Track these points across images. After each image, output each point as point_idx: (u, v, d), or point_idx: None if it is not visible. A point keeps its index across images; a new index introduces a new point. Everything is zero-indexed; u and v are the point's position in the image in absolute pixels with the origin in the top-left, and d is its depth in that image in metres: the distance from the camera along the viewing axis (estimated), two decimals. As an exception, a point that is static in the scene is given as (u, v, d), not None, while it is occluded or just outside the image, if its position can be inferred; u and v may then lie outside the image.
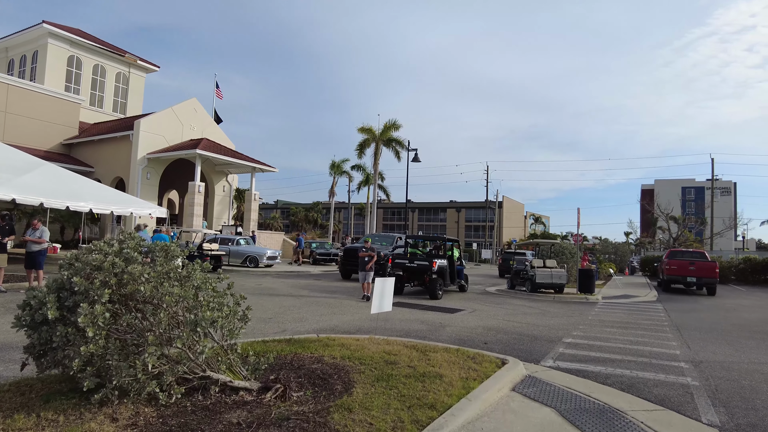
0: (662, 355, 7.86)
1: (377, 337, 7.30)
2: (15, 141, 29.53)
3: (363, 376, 5.14)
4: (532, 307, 14.32)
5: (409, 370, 5.43)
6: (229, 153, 31.44)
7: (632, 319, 12.26)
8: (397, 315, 11.10)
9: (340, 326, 9.18)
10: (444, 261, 15.95)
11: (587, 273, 17.71)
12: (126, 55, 40.13)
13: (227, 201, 36.21)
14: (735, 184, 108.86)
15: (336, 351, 6.17)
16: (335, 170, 52.51)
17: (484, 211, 77.02)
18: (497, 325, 10.25)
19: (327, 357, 5.90)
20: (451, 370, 5.51)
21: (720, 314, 14.43)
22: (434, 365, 5.70)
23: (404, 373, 5.27)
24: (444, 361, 5.91)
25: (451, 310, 12.72)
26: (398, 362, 5.74)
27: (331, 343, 6.68)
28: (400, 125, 37.06)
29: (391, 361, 5.78)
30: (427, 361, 5.91)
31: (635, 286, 24.98)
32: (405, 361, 5.83)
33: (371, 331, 8.77)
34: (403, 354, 6.17)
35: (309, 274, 22.31)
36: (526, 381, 5.78)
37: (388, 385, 4.87)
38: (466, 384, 5.07)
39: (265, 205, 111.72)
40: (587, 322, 11.37)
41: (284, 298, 13.41)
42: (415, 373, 5.31)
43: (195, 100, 34.21)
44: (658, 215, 49.04)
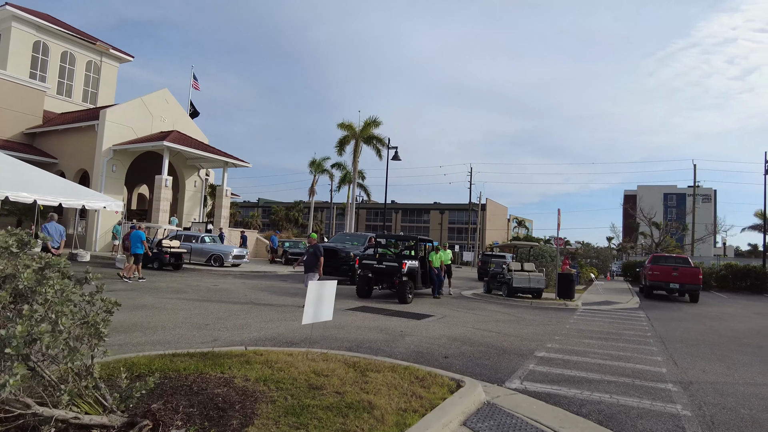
0: (647, 374, 6.85)
1: (315, 351, 6.18)
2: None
3: (272, 408, 4.01)
4: (507, 313, 13.31)
5: (335, 398, 4.31)
6: (201, 146, 30.02)
7: (613, 329, 11.30)
8: (356, 321, 9.99)
9: (284, 335, 8.03)
10: (415, 262, 14.86)
11: (567, 278, 16.76)
12: (97, 43, 38.40)
13: (199, 197, 34.74)
14: (715, 192, 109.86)
15: (254, 370, 5.03)
16: (315, 168, 51.15)
17: (467, 213, 76.30)
18: (464, 335, 9.19)
19: (239, 378, 4.75)
20: (388, 398, 4.41)
21: (705, 324, 13.57)
22: (369, 391, 4.59)
23: (326, 403, 4.15)
24: (384, 385, 4.81)
25: (418, 315, 11.64)
26: (325, 387, 4.61)
27: (254, 359, 5.53)
28: (380, 122, 35.92)
29: (317, 385, 4.66)
30: (364, 384, 4.80)
31: (617, 291, 24.18)
32: (335, 384, 4.71)
33: (318, 342, 7.65)
34: (336, 375, 5.05)
35: (276, 274, 21.07)
36: (482, 411, 4.70)
37: (298, 421, 3.74)
38: (402, 419, 3.96)
39: (246, 203, 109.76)
40: (564, 332, 10.36)
41: (236, 300, 12.20)
42: (340, 402, 4.19)
43: (166, 91, 32.73)
44: (640, 220, 48.67)
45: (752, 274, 30.75)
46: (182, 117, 33.27)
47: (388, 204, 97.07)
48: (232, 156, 31.30)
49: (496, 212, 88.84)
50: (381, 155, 36.58)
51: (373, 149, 37.11)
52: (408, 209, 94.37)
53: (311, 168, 51.16)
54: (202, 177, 34.79)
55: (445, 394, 4.72)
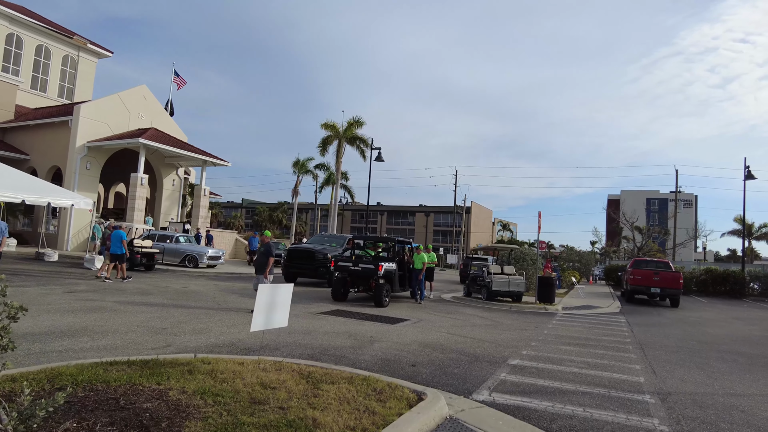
0: (624, 384, 6.51)
1: (269, 359, 5.72)
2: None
3: (202, 426, 3.55)
4: (485, 317, 12.95)
5: (276, 414, 3.86)
6: (179, 144, 29.29)
7: (592, 335, 10.99)
8: (325, 326, 9.53)
9: (244, 341, 7.55)
10: (392, 264, 14.45)
11: (547, 281, 16.48)
12: (75, 38, 37.44)
13: (177, 196, 33.97)
14: (696, 197, 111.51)
15: (195, 381, 4.56)
16: (299, 169, 50.47)
17: (452, 216, 76.17)
18: (437, 341, 8.79)
19: (176, 390, 4.28)
20: (336, 415, 3.97)
21: (685, 329, 13.36)
22: (317, 406, 4.15)
23: (265, 421, 3.70)
24: (335, 399, 4.37)
25: (393, 320, 11.22)
26: (268, 401, 4.16)
27: (200, 368, 5.06)
28: (363, 122, 35.46)
29: (260, 399, 4.21)
30: (313, 398, 4.36)
31: (598, 296, 24.03)
32: (280, 398, 4.27)
33: (279, 349, 7.20)
34: (285, 387, 4.60)
35: (251, 276, 20.47)
36: (443, 428, 4.29)
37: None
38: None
39: (230, 203, 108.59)
40: (542, 338, 10.02)
41: (202, 303, 11.66)
42: (280, 420, 3.74)
43: (145, 87, 31.95)
44: (623, 224, 48.93)
45: (731, 278, 30.93)
46: (161, 114, 32.50)
47: (374, 206, 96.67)
48: (211, 154, 30.62)
49: (481, 215, 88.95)
50: (365, 156, 36.16)
51: (356, 150, 36.65)
52: (393, 211, 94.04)
53: (295, 169, 50.49)
54: (180, 176, 34.02)
55: (403, 409, 4.30)
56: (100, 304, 10.26)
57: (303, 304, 12.86)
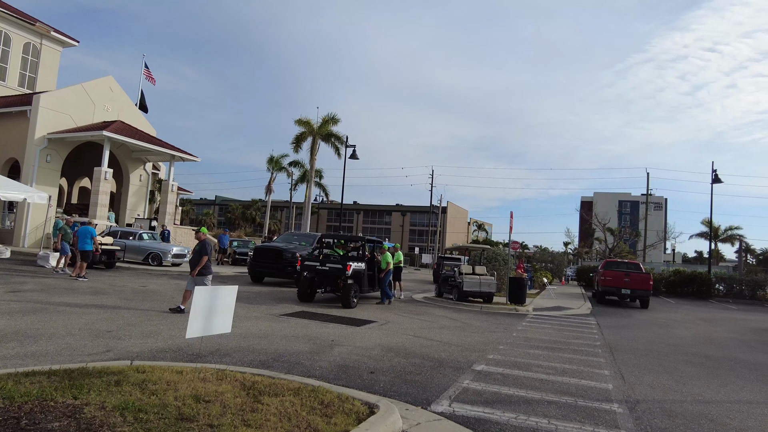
0: (592, 391, 6.24)
1: (211, 367, 5.24)
2: None
3: (111, 451, 3.08)
4: (454, 319, 12.65)
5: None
6: (146, 138, 28.28)
7: (562, 337, 10.78)
8: (285, 329, 9.06)
9: (194, 346, 7.03)
10: (361, 264, 14.02)
11: (518, 282, 16.30)
12: (37, 25, 35.84)
13: (144, 192, 32.85)
14: (666, 200, 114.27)
15: (120, 395, 4.06)
16: (273, 166, 49.71)
17: (428, 215, 76.16)
18: (402, 344, 8.40)
19: (93, 406, 3.78)
20: (272, 434, 3.54)
21: (654, 331, 13.31)
22: (253, 423, 3.71)
23: (187, 444, 3.24)
24: (275, 414, 3.94)
25: (359, 322, 10.81)
26: (198, 417, 3.70)
27: (131, 378, 4.55)
28: (339, 119, 34.86)
29: (189, 415, 3.74)
30: (251, 413, 3.92)
31: (570, 296, 24.08)
32: (213, 413, 3.81)
33: (230, 354, 6.72)
34: (222, 400, 4.14)
35: (218, 275, 19.79)
36: (393, 446, 3.90)
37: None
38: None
39: (203, 200, 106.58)
40: (510, 341, 9.75)
41: (158, 304, 11.04)
42: (205, 442, 3.30)
43: (111, 78, 30.77)
44: (596, 225, 49.53)
45: (698, 279, 31.50)
46: (128, 107, 31.36)
47: (350, 205, 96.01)
48: (179, 149, 29.69)
49: (457, 215, 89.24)
50: (339, 153, 35.58)
51: (331, 147, 36.05)
52: (370, 210, 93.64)
53: (269, 165, 49.67)
54: (148, 171, 32.92)
55: (350, 425, 3.89)
56: (44, 305, 9.57)
57: (266, 305, 12.35)
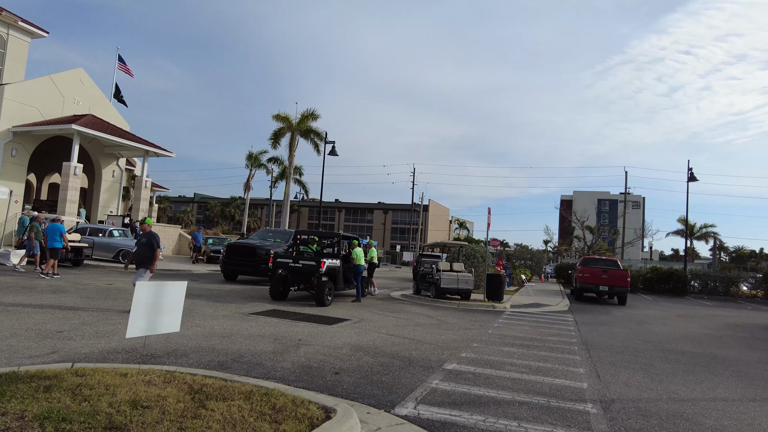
0: (566, 391, 6.01)
1: (158, 369, 4.85)
2: None
3: (17, 468, 2.70)
4: (430, 316, 12.39)
5: (129, 447, 3.04)
6: (118, 132, 27.45)
7: (538, 335, 10.59)
8: (251, 328, 8.67)
9: (150, 346, 6.61)
10: (336, 261, 13.67)
11: (496, 279, 16.12)
12: (3, 14, 34.54)
13: (118, 188, 31.97)
14: (644, 199, 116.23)
15: (47, 401, 3.67)
16: (252, 162, 48.90)
17: (410, 213, 76.02)
18: (373, 343, 8.09)
19: (11, 416, 3.38)
20: (210, 445, 3.19)
21: (631, 328, 13.24)
22: (190, 430, 3.36)
23: (108, 458, 2.88)
24: (219, 422, 3.59)
25: (332, 320, 10.47)
26: (129, 426, 3.33)
27: (66, 381, 4.16)
28: (318, 115, 34.40)
29: (120, 424, 3.37)
30: (192, 419, 3.56)
31: (548, 293, 24.06)
32: (148, 420, 3.45)
33: (187, 355, 6.33)
34: (162, 406, 3.78)
35: (191, 273, 19.25)
36: (348, 454, 3.58)
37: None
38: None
39: (182, 198, 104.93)
40: (485, 338, 9.51)
41: (120, 303, 10.55)
42: (130, 455, 2.93)
43: (81, 71, 29.84)
44: (575, 223, 49.91)
45: (674, 276, 31.88)
46: (100, 101, 30.42)
47: (332, 203, 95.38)
48: (153, 144, 28.90)
49: (439, 213, 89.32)
50: (319, 150, 35.11)
51: (310, 143, 35.58)
52: (352, 208, 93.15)
53: (247, 162, 48.84)
54: (121, 167, 32.06)
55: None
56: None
57: (236, 303, 11.93)
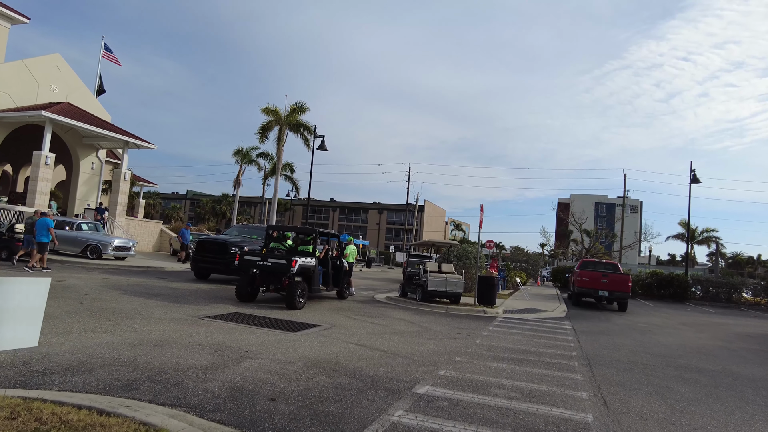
0: (566, 425, 4.71)
1: (13, 396, 3.54)
2: None
3: None
4: (412, 322, 11.09)
5: None
6: (95, 122, 26.03)
7: (532, 346, 9.30)
8: (196, 336, 7.35)
9: (53, 356, 5.29)
10: (310, 259, 12.34)
11: (488, 281, 14.82)
12: (-19, -2, 33.18)
13: (96, 181, 30.55)
14: (642, 203, 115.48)
15: None
16: (242, 158, 47.43)
17: (405, 214, 74.72)
18: (334, 357, 6.77)
19: None
20: None
21: (635, 338, 11.97)
22: None
23: None
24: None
25: (299, 326, 9.17)
26: None
27: None
28: (307, 108, 33.02)
29: None
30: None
31: (544, 298, 22.79)
32: None
33: (94, 370, 5.01)
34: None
35: (161, 271, 17.90)
36: None
37: None
38: None
39: (175, 194, 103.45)
40: (471, 350, 8.22)
41: (56, 303, 9.20)
42: None
43: (58, 56, 28.47)
44: (572, 225, 48.72)
45: (675, 282, 30.69)
46: (78, 89, 29.02)
47: (326, 202, 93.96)
48: (133, 135, 27.50)
49: (434, 214, 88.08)
50: (309, 145, 33.76)
51: (300, 138, 34.25)
52: (346, 208, 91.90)
53: (237, 158, 47.39)
54: (101, 159, 30.65)
55: None
56: None
57: (196, 305, 10.61)
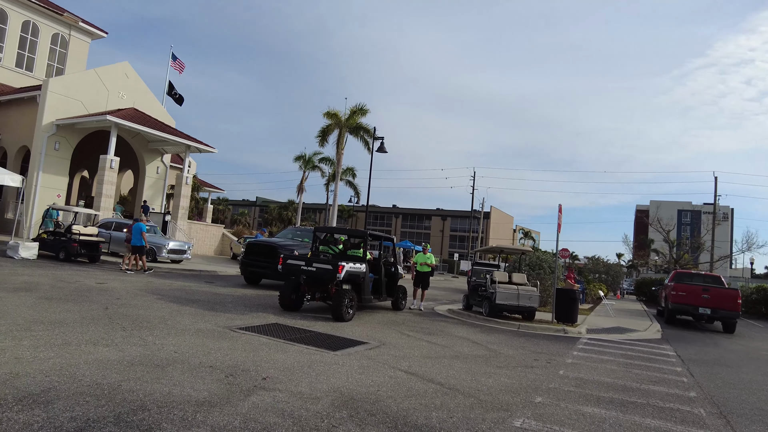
0: None
1: None
2: None
3: None
4: (478, 342, 9.34)
5: None
6: (157, 126, 26.34)
7: (632, 380, 7.30)
8: (212, 353, 6.11)
9: (29, 375, 4.17)
10: (361, 266, 10.94)
11: (568, 294, 12.72)
12: (65, 15, 35.08)
13: (162, 185, 31.10)
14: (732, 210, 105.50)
15: None
16: (304, 164, 47.39)
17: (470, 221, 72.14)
18: (374, 391, 5.25)
19: None
20: None
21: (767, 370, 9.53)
22: None
23: None
24: None
25: (341, 343, 7.77)
26: None
27: None
28: (367, 110, 32.04)
29: None
30: None
31: (630, 314, 20.07)
32: None
33: (64, 398, 3.80)
34: None
35: (213, 275, 17.22)
36: None
37: None
38: None
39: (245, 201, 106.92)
40: (554, 386, 6.40)
41: (79, 309, 8.36)
42: None
43: (127, 64, 29.23)
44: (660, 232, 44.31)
45: (789, 299, 26.50)
46: (144, 95, 29.68)
47: (389, 208, 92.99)
48: (194, 139, 27.65)
49: (501, 221, 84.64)
50: (369, 147, 32.78)
51: (360, 141, 33.37)
52: (409, 214, 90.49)
53: (300, 163, 47.39)
54: (166, 163, 31.20)
55: None
56: None
57: (234, 313, 9.50)
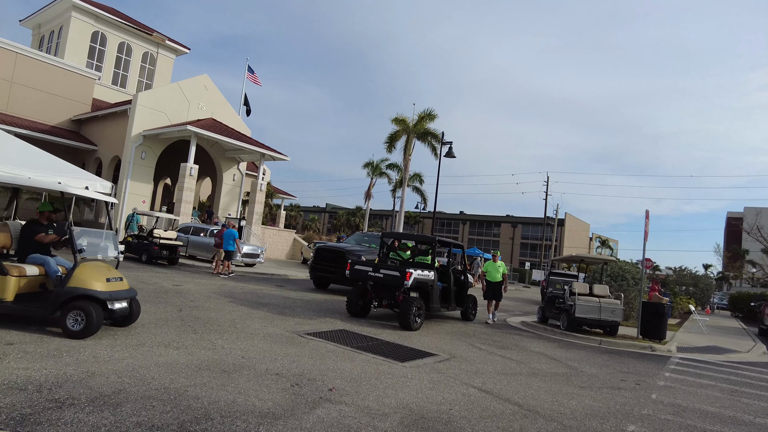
0: None
1: None
2: (20, 113, 27.35)
3: None
4: (557, 359, 8.68)
5: None
6: (234, 135, 27.51)
7: (744, 412, 6.41)
8: (279, 359, 6.03)
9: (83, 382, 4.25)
10: (430, 273, 10.60)
11: (656, 309, 11.61)
12: (154, 34, 37.77)
13: (237, 192, 32.46)
14: None
15: None
16: (372, 171, 47.73)
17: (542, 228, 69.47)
18: (445, 410, 4.89)
19: None
20: None
21: None
22: None
23: None
24: None
25: (409, 354, 7.48)
26: None
27: None
28: (436, 115, 31.69)
29: None
30: None
31: (726, 332, 18.19)
32: None
33: (130, 401, 3.82)
34: None
35: (284, 279, 17.54)
36: None
37: None
38: None
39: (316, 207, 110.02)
40: (648, 412, 5.72)
41: (153, 310, 8.67)
42: None
43: (206, 77, 30.83)
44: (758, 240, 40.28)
45: None
46: (222, 106, 31.17)
47: (457, 215, 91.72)
48: (268, 147, 28.60)
49: (576, 228, 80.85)
50: (437, 153, 32.40)
51: (427, 146, 33.04)
52: (477, 221, 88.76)
53: (368, 170, 47.82)
54: (242, 171, 32.54)
55: None
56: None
57: (301, 317, 9.49)
